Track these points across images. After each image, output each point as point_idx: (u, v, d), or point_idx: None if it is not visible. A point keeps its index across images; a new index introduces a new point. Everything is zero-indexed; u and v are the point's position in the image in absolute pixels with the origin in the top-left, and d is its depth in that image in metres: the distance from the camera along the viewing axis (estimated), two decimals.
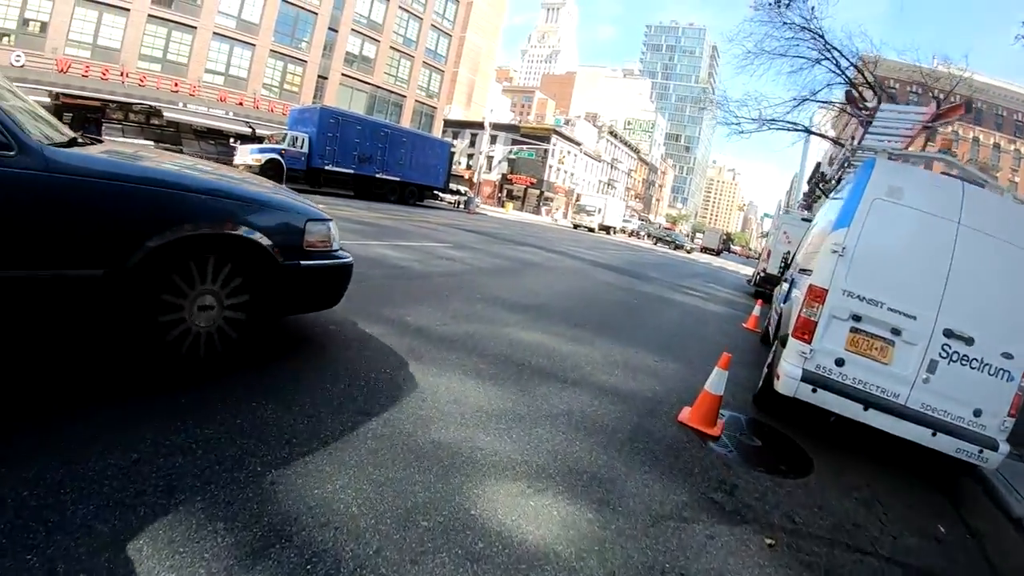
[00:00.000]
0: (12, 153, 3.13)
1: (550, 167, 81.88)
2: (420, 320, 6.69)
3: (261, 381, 4.13)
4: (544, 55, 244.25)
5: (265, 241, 4.28)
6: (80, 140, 4.12)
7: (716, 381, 5.36)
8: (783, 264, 10.66)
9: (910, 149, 6.13)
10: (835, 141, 35.47)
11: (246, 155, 30.43)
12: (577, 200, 77.85)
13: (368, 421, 3.87)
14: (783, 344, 5.93)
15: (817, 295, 5.61)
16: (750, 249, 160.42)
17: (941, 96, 24.38)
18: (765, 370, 6.70)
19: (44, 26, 37.56)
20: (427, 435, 3.83)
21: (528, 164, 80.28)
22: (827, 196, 9.04)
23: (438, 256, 12.84)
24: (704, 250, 78.71)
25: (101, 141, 4.46)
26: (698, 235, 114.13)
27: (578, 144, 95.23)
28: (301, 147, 32.19)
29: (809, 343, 5.62)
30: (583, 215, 64.11)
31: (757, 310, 13.37)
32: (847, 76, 25.78)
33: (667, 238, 72.85)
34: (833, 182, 8.56)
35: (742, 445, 5.25)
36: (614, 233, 68.44)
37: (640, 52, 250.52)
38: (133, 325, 3.81)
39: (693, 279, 24.71)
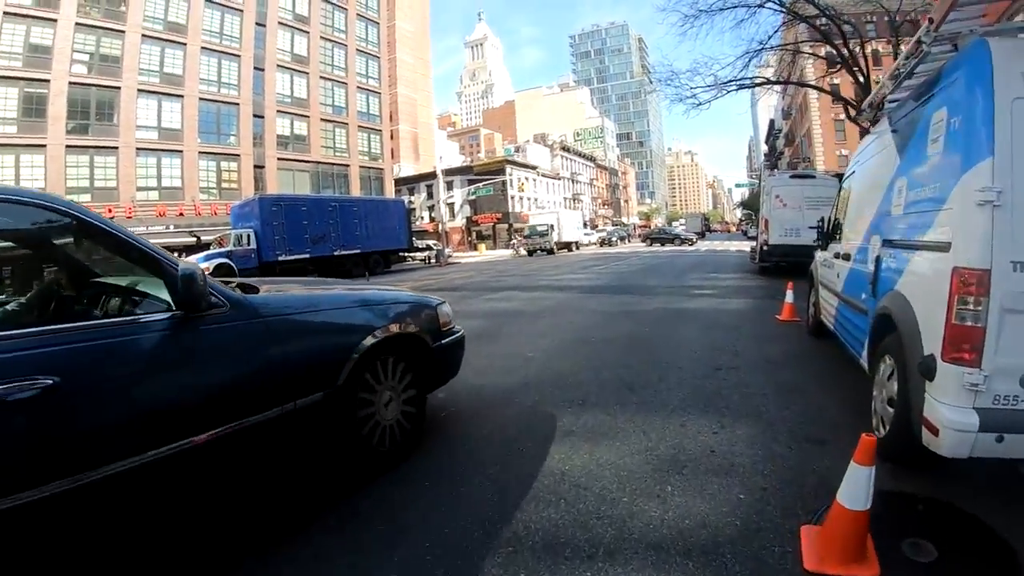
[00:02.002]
0: (225, 309, 3.32)
1: (512, 198, 79.64)
2: (325, 478, 4.34)
3: None
4: (479, 92, 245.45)
5: (421, 332, 4.84)
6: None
7: (856, 488, 2.95)
8: (821, 230, 8.31)
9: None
10: (797, 83, 33.64)
11: None
12: (524, 222, 72.17)
13: None
14: (927, 375, 3.57)
15: (971, 283, 3.29)
16: (728, 223, 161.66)
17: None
18: (884, 406, 4.35)
19: None
20: None
21: (490, 201, 78.33)
22: (867, 129, 6.62)
23: None
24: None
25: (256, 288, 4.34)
26: (674, 223, 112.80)
27: (533, 168, 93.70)
28: (248, 244, 30.53)
29: (978, 365, 3.30)
30: (536, 238, 56.09)
31: (790, 296, 10.92)
32: (795, 13, 23.65)
33: (664, 236, 67.55)
34: (882, 107, 6.06)
35: (915, 570, 2.95)
36: (578, 248, 64.10)
37: (571, 64, 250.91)
38: (339, 433, 4.06)
39: (692, 273, 22.42)
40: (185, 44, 47.86)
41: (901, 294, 4.21)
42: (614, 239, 75.53)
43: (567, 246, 61.18)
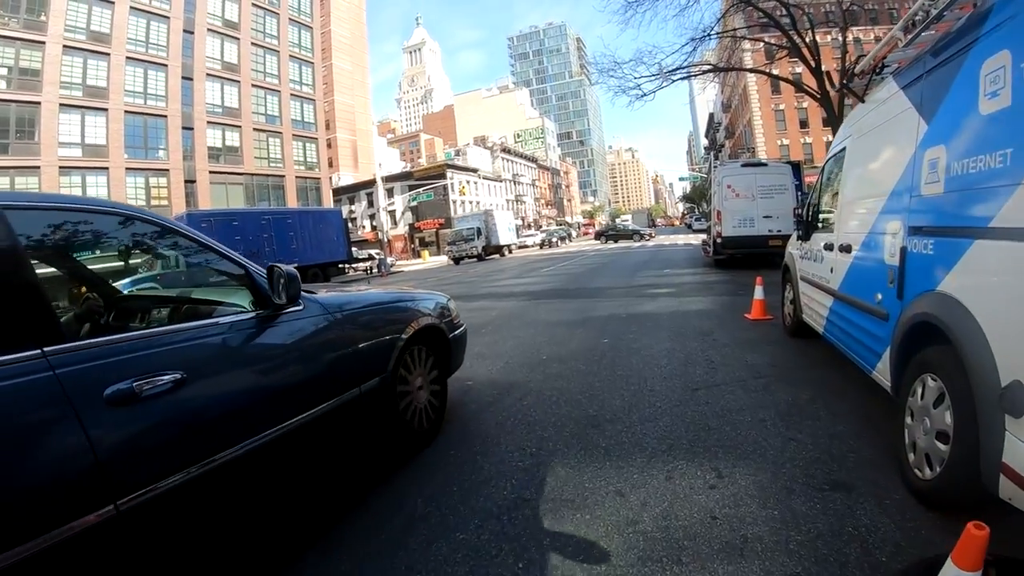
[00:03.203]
0: (301, 307, 3.74)
1: (454, 202, 78.58)
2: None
3: None
4: (419, 97, 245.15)
5: (441, 324, 5.40)
6: None
7: None
8: (800, 218, 7.37)
9: None
10: (749, 70, 33.15)
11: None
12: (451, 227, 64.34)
13: None
14: (1012, 410, 2.54)
15: None
16: (671, 217, 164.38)
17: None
18: (931, 441, 3.24)
19: None
20: None
21: (432, 206, 77.05)
22: (859, 99, 5.50)
23: None
24: None
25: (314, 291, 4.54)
26: (618, 220, 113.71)
27: (474, 171, 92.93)
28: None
29: None
30: (461, 244, 51.64)
31: (759, 292, 9.87)
32: None
33: (621, 232, 63.00)
34: (879, 72, 4.98)
35: None
36: (510, 252, 59.17)
37: (509, 65, 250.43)
38: (385, 415, 4.44)
39: (644, 271, 21.38)
40: (109, 54, 45.20)
41: (951, 297, 3.17)
42: (554, 240, 70.93)
43: (498, 250, 56.35)
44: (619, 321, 10.55)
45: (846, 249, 5.26)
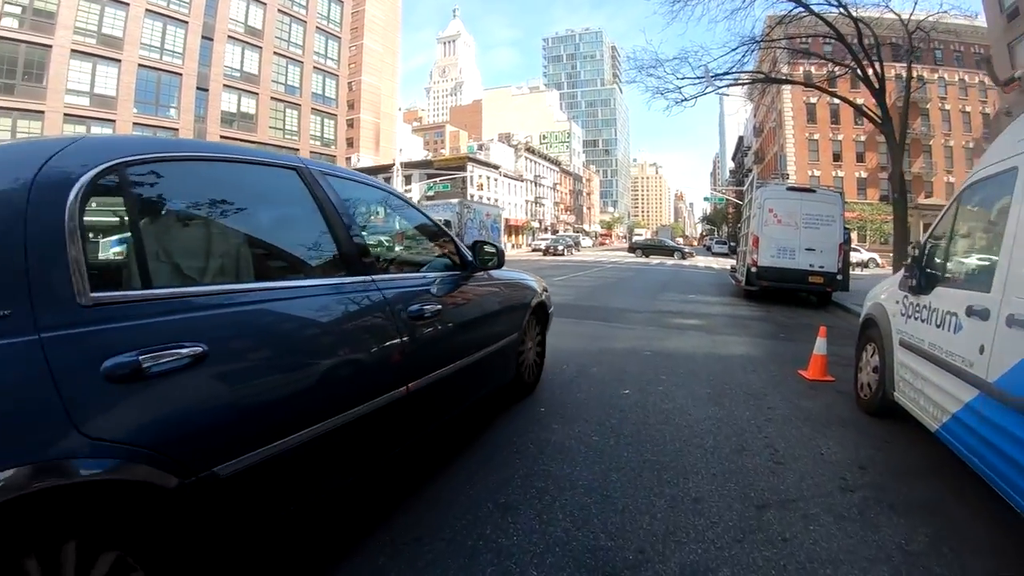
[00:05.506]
0: (481, 273, 4.84)
1: (471, 196, 76.59)
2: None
3: None
4: (448, 88, 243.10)
5: (544, 299, 6.53)
6: None
7: None
8: (916, 263, 5.15)
9: None
10: (804, 84, 30.94)
11: None
12: None
13: None
14: None
15: None
16: (690, 238, 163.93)
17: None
18: None
19: None
20: None
21: (449, 198, 75.10)
22: None
23: None
24: None
25: None
26: (634, 232, 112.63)
27: (496, 167, 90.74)
28: None
29: None
30: None
31: (822, 345, 7.67)
32: (803, 2, 20.65)
33: (660, 247, 59.77)
34: None
35: None
36: None
37: (542, 66, 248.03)
38: (514, 364, 5.62)
39: (666, 294, 19.26)
40: (129, 4, 42.93)
41: None
42: (559, 247, 61.22)
43: None
44: (643, 361, 8.34)
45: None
